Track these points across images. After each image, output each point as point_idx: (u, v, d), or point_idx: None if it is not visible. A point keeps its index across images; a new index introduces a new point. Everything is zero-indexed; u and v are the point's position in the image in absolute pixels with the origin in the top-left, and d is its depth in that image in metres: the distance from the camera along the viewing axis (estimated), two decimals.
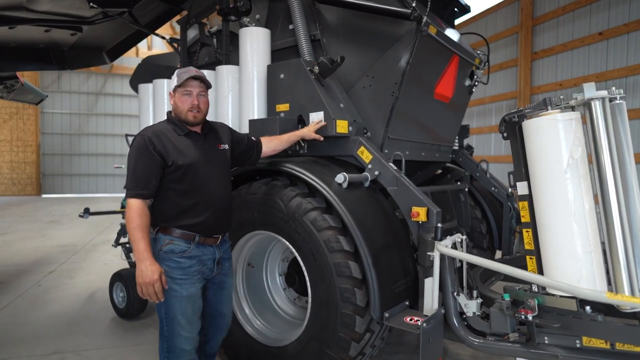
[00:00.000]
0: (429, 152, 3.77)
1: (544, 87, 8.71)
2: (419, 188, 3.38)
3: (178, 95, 2.25)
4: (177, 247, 2.20)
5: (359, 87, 3.21)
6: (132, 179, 2.12)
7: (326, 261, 2.44)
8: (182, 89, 2.24)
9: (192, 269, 2.22)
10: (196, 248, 2.24)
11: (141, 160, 2.13)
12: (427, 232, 2.49)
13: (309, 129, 2.80)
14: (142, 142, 2.15)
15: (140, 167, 2.13)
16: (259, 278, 3.20)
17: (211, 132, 2.40)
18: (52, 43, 4.02)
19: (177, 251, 2.19)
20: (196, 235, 2.23)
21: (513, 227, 4.04)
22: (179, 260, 2.19)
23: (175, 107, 2.27)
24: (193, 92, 2.24)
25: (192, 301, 2.22)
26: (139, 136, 2.20)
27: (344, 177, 2.56)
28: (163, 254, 2.19)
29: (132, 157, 2.16)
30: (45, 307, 4.30)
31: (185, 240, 2.21)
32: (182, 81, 2.22)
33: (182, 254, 2.20)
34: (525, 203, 2.14)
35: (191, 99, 2.23)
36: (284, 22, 3.52)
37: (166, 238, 2.20)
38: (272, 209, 2.66)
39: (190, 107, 2.23)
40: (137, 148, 2.15)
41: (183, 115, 2.24)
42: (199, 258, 2.25)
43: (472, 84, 4.00)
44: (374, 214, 2.62)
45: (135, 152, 2.15)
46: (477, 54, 4.05)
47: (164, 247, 2.19)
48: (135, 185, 2.11)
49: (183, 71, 2.26)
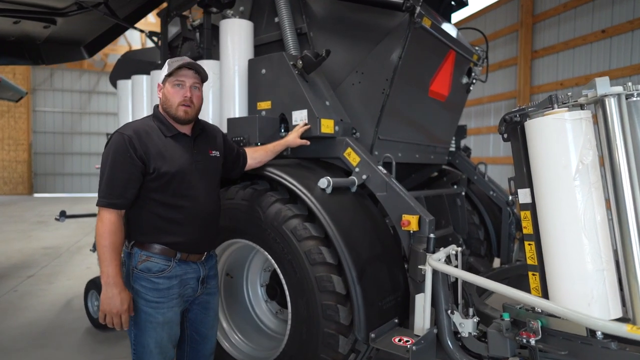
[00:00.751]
0: (423, 153, 3.54)
1: (545, 86, 8.49)
2: (412, 193, 3.17)
3: (168, 86, 1.92)
4: (155, 265, 1.89)
5: (347, 84, 2.98)
6: (106, 184, 1.82)
7: (307, 274, 2.21)
8: (173, 79, 1.91)
9: (171, 292, 1.93)
10: (177, 266, 1.94)
11: (118, 163, 1.82)
12: (419, 243, 2.26)
13: (294, 136, 2.54)
14: (120, 142, 1.84)
15: (116, 171, 1.82)
16: (239, 289, 2.96)
17: (202, 135, 2.10)
18: (24, 36, 3.78)
19: (154, 270, 1.89)
20: (177, 252, 1.94)
21: (512, 234, 3.82)
22: (155, 281, 1.89)
23: (164, 100, 1.94)
24: (186, 83, 1.92)
25: (168, 328, 1.93)
26: (117, 134, 1.87)
27: (328, 182, 2.33)
28: (137, 272, 1.89)
29: (107, 159, 1.85)
30: (18, 315, 4.06)
31: (164, 257, 1.91)
32: (174, 69, 1.89)
33: (160, 273, 1.90)
34: (527, 213, 1.91)
35: (183, 90, 1.91)
36: (270, 15, 3.29)
37: (143, 254, 1.90)
38: (250, 215, 2.43)
39: (182, 101, 1.91)
40: (114, 148, 1.84)
41: (173, 110, 1.92)
42: (180, 278, 1.96)
43: (469, 81, 3.78)
44: (360, 222, 2.39)
45: (111, 153, 1.84)
46: (476, 50, 3.83)
47: (139, 265, 1.89)
48: (109, 192, 1.81)
49: (176, 59, 1.94)
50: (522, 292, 1.56)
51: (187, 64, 1.93)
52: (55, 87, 17.97)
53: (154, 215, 1.91)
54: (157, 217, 1.91)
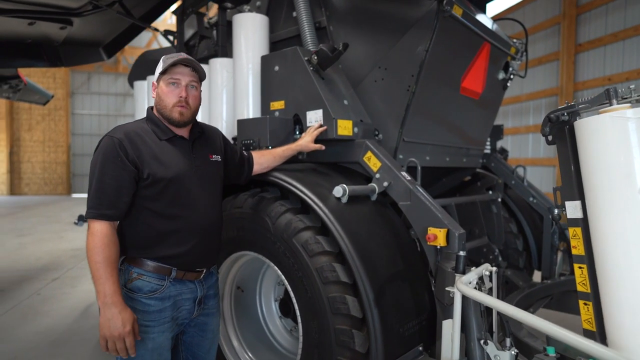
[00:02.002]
0: (454, 156, 3.23)
1: (590, 82, 7.90)
2: (441, 200, 2.88)
3: (162, 85, 1.75)
4: (147, 284, 1.71)
5: (369, 81, 2.72)
6: (95, 194, 1.62)
7: (318, 294, 1.97)
8: (167, 77, 1.73)
9: (163, 315, 1.73)
10: (172, 286, 1.75)
11: (108, 169, 1.64)
12: (447, 260, 1.98)
13: (307, 140, 2.30)
14: (110, 146, 1.66)
15: (106, 178, 1.63)
16: (251, 304, 2.76)
17: (201, 138, 1.92)
18: (41, 38, 3.73)
19: (145, 290, 1.70)
20: (172, 269, 1.74)
21: (555, 245, 3.44)
22: (146, 302, 1.70)
23: (158, 100, 1.76)
24: (181, 82, 1.74)
25: (157, 355, 1.73)
26: (107, 138, 1.68)
27: (343, 190, 2.08)
28: (127, 292, 1.69)
29: (95, 165, 1.66)
30: (36, 321, 4.02)
31: (158, 275, 1.72)
32: (168, 66, 1.70)
33: (152, 294, 1.71)
34: (577, 230, 1.60)
35: (178, 90, 1.74)
36: (288, 10, 3.07)
37: (134, 271, 1.71)
38: (258, 226, 2.21)
39: (177, 101, 1.73)
40: (104, 153, 1.65)
41: (167, 111, 1.74)
42: (174, 299, 1.77)
43: (506, 77, 3.43)
44: (380, 235, 2.12)
45: (100, 159, 1.65)
46: (514, 42, 3.48)
47: (129, 283, 1.70)
48: (99, 202, 1.61)
49: (171, 56, 1.75)
50: (576, 335, 1.26)
51: (183, 60, 1.73)
52: (92, 90, 18.53)
53: (148, 227, 1.72)
54: (151, 229, 1.71)
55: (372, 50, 2.69)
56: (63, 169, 18.60)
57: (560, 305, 3.24)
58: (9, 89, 5.29)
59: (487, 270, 1.84)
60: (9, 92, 5.32)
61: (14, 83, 5.14)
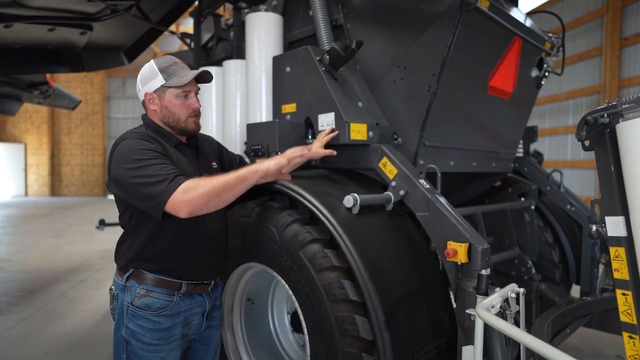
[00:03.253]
0: (482, 161, 3.00)
1: (636, 79, 7.36)
2: (466, 209, 2.67)
3: (170, 97, 1.66)
4: (156, 301, 1.62)
5: (387, 82, 2.54)
6: (153, 175, 1.45)
7: (326, 313, 1.81)
8: (177, 90, 1.66)
9: (173, 332, 1.65)
10: (181, 301, 1.67)
11: (149, 154, 1.50)
12: (469, 278, 1.78)
13: (316, 145, 2.16)
14: (137, 140, 1.55)
15: (154, 158, 1.50)
16: (262, 317, 2.63)
17: (201, 145, 1.87)
18: (63, 44, 3.77)
19: (154, 307, 1.61)
20: (183, 283, 1.66)
21: (596, 257, 3.14)
22: (155, 320, 1.61)
23: (167, 113, 1.68)
24: (191, 93, 1.71)
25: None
26: (127, 140, 1.57)
27: (354, 200, 1.92)
28: (134, 310, 1.61)
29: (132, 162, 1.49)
30: (58, 324, 4.06)
31: (167, 290, 1.64)
32: (184, 82, 1.64)
33: (162, 311, 1.62)
34: (621, 250, 1.38)
35: (191, 101, 1.71)
36: (306, 8, 2.93)
37: (141, 288, 1.62)
38: (265, 237, 2.08)
39: (192, 112, 1.70)
40: (135, 147, 1.53)
41: (181, 123, 1.69)
42: (184, 315, 1.69)
43: (541, 74, 3.17)
44: (395, 249, 1.95)
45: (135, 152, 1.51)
46: (549, 37, 3.21)
47: (136, 301, 1.61)
48: (164, 174, 1.45)
49: (168, 63, 1.67)
50: None
51: (196, 75, 1.68)
52: (127, 94, 19.09)
53: (155, 238, 1.63)
54: (159, 241, 1.63)
55: (391, 49, 2.52)
56: (99, 171, 19.24)
57: (602, 325, 2.95)
58: (39, 95, 5.43)
59: (513, 292, 1.63)
60: (40, 97, 5.47)
61: (44, 89, 5.28)
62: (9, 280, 5.61)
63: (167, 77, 1.64)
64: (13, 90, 5.38)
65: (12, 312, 4.38)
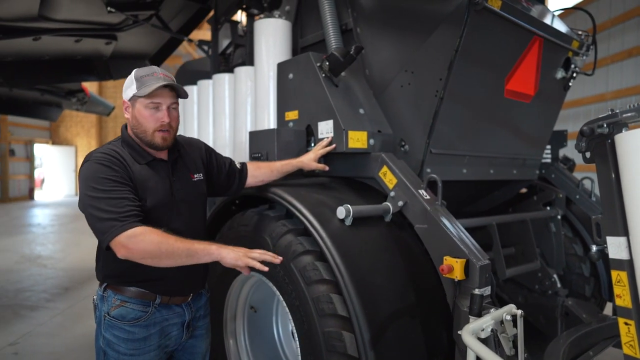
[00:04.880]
0: (500, 168, 2.84)
1: None
2: (479, 220, 2.54)
3: (140, 107, 1.61)
4: (130, 311, 1.62)
5: (395, 87, 2.46)
6: (105, 210, 1.45)
7: (315, 327, 1.76)
8: (146, 100, 1.60)
9: (149, 342, 1.65)
10: (157, 312, 1.66)
11: (107, 184, 1.49)
12: (465, 297, 1.68)
13: (309, 157, 2.11)
14: (95, 167, 1.52)
15: (111, 191, 1.48)
16: (266, 325, 2.61)
17: (181, 157, 1.80)
18: (90, 53, 3.93)
19: (128, 318, 1.62)
20: (157, 296, 1.66)
21: None
22: (130, 330, 1.62)
23: (135, 123, 1.63)
24: (162, 105, 1.61)
25: None
26: (88, 163, 1.56)
27: (347, 211, 1.85)
28: (109, 320, 1.61)
29: (90, 190, 1.49)
30: (86, 322, 4.22)
31: (141, 301, 1.64)
32: (150, 91, 1.56)
33: (136, 321, 1.63)
34: (622, 274, 1.25)
35: (160, 114, 1.61)
36: (318, 13, 2.90)
37: (117, 298, 1.62)
38: (260, 246, 2.03)
39: (159, 126, 1.62)
40: (95, 174, 1.51)
41: (148, 136, 1.63)
42: (160, 326, 1.68)
43: (567, 76, 2.95)
44: (389, 263, 1.87)
45: (93, 180, 1.49)
46: (578, 35, 3.00)
47: (112, 311, 1.62)
48: (116, 211, 1.44)
49: (145, 73, 1.63)
50: None
51: (165, 85, 1.60)
52: None
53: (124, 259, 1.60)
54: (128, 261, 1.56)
55: (399, 53, 2.44)
56: None
57: None
58: (77, 102, 5.72)
59: (509, 314, 1.51)
60: (77, 104, 5.76)
61: (80, 96, 5.56)
62: (49, 277, 5.94)
63: (140, 86, 1.59)
64: (54, 98, 5.70)
65: (47, 309, 4.62)
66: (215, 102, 3.25)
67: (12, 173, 17.47)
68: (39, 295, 5.10)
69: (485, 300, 1.68)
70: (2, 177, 16.77)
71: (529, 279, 3.10)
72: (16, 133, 17.60)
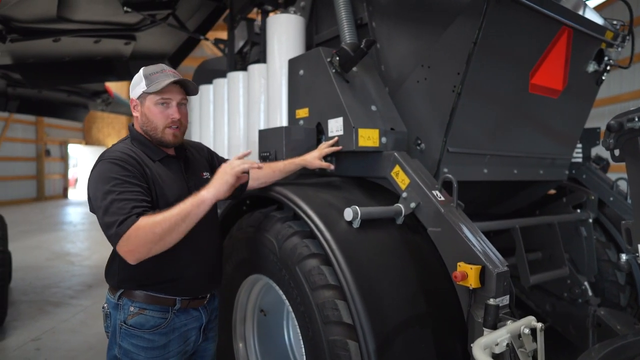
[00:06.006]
0: (525, 168, 2.67)
1: None
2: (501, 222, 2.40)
3: (149, 104, 1.60)
4: (150, 319, 1.58)
5: (411, 82, 2.34)
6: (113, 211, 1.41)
7: (319, 335, 1.68)
8: (156, 97, 1.59)
9: (169, 349, 1.61)
10: (176, 317, 1.63)
11: (119, 185, 1.45)
12: (480, 306, 1.56)
13: (314, 155, 2.05)
14: (108, 167, 1.49)
15: (122, 192, 1.44)
16: (277, 329, 2.54)
17: (190, 155, 1.79)
18: (110, 54, 3.98)
19: (147, 326, 1.57)
20: (177, 300, 1.61)
21: None
22: (149, 338, 1.58)
23: (145, 121, 1.62)
24: (172, 102, 1.61)
25: None
26: (101, 163, 1.52)
27: (354, 213, 1.76)
28: (127, 329, 1.57)
29: (101, 191, 1.45)
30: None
31: (160, 307, 1.59)
32: (160, 88, 1.56)
33: (156, 329, 1.58)
34: None
35: (170, 110, 1.61)
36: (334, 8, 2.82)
37: (134, 306, 1.57)
38: (266, 248, 1.99)
39: (170, 123, 1.61)
40: (107, 173, 1.47)
41: (158, 133, 1.61)
42: (180, 332, 1.64)
43: (600, 69, 2.75)
44: (399, 269, 1.76)
45: (106, 180, 1.46)
46: (613, 25, 2.80)
47: (129, 319, 1.57)
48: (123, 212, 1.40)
49: (153, 70, 1.62)
50: None
51: (175, 80, 1.59)
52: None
53: None
54: (147, 261, 1.52)
55: (416, 47, 2.32)
56: None
57: None
58: (102, 102, 5.85)
59: (527, 327, 1.38)
60: (102, 105, 5.89)
61: (105, 97, 5.67)
62: (75, 274, 6.08)
63: (149, 83, 1.58)
64: (80, 99, 5.84)
65: (70, 305, 4.72)
66: (230, 101, 3.21)
67: (48, 172, 18.14)
68: (64, 292, 5.22)
69: (503, 310, 1.55)
70: (39, 176, 17.43)
71: (557, 286, 2.92)
72: (51, 134, 18.28)
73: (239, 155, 1.79)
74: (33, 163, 17.20)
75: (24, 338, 3.83)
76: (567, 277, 2.77)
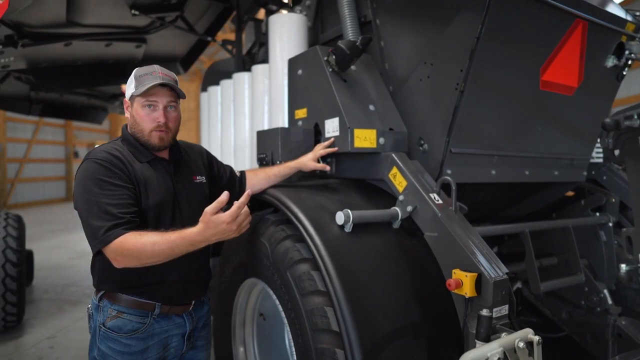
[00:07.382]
0: (538, 169, 2.54)
1: None
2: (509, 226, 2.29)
3: (137, 106, 1.58)
4: (127, 323, 1.55)
5: (414, 80, 2.26)
6: (97, 215, 1.40)
7: (308, 343, 1.62)
8: (142, 99, 1.56)
9: (147, 355, 1.59)
10: (156, 323, 1.60)
11: (104, 187, 1.44)
12: (475, 317, 1.47)
13: (308, 157, 1.99)
14: (94, 168, 1.48)
15: (106, 196, 1.43)
16: (277, 333, 2.49)
17: (183, 158, 1.76)
18: (122, 57, 4.02)
19: (125, 330, 1.55)
20: (156, 305, 1.59)
21: None
22: (126, 342, 1.55)
23: (133, 123, 1.61)
24: (159, 105, 1.58)
25: None
26: (87, 162, 1.52)
27: (346, 217, 1.69)
28: (105, 331, 1.55)
29: (85, 191, 1.45)
30: None
31: (139, 311, 1.57)
32: (144, 90, 1.52)
33: (133, 333, 1.56)
34: None
35: (156, 113, 1.58)
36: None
37: (113, 308, 1.56)
38: (259, 252, 1.95)
39: (156, 126, 1.58)
40: (89, 176, 1.46)
41: (144, 135, 1.59)
42: (159, 338, 1.61)
43: (620, 63, 2.59)
44: (393, 275, 1.69)
45: (90, 181, 1.45)
46: (635, 16, 2.64)
47: (108, 322, 1.55)
48: (108, 217, 1.39)
49: (144, 72, 1.58)
50: None
51: (160, 83, 1.54)
52: None
53: None
54: None
55: (419, 43, 2.24)
56: None
57: None
58: (119, 105, 5.95)
59: (522, 341, 1.29)
60: (120, 107, 6.00)
61: (122, 99, 5.77)
62: None
63: (137, 85, 1.55)
64: (99, 102, 5.96)
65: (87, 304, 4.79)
66: (236, 102, 3.20)
67: None
68: (83, 291, 5.33)
69: (501, 321, 1.46)
70: (68, 177, 18.01)
71: (573, 293, 2.77)
72: (80, 136, 18.86)
73: (221, 201, 1.43)
74: (62, 164, 17.79)
75: (40, 336, 3.92)
76: (583, 284, 2.62)
